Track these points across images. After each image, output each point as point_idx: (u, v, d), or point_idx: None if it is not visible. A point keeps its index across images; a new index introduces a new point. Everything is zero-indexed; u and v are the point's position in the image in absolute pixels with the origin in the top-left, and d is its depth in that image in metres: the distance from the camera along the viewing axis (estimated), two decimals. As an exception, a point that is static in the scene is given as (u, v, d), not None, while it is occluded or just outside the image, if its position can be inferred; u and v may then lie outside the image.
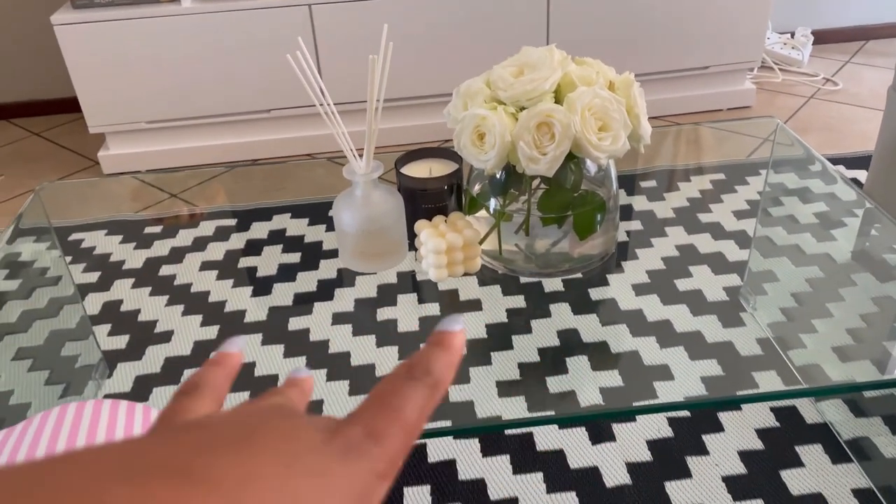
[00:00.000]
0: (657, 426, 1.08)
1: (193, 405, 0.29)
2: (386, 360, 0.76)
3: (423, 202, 0.86)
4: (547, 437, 1.07)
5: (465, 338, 0.29)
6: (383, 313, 0.83)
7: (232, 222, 1.04)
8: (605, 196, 0.83)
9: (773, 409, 1.10)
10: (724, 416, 1.09)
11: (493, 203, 0.83)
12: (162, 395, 0.75)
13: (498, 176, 0.81)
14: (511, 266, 0.86)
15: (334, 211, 0.83)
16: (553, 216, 0.82)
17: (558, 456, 1.04)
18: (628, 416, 1.09)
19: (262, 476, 0.22)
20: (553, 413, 0.71)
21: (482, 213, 0.84)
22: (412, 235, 0.87)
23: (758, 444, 1.04)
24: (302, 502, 0.22)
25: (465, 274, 0.84)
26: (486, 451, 1.05)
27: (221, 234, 1.01)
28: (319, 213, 1.04)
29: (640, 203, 1.01)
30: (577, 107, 0.71)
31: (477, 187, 0.85)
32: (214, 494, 0.21)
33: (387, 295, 0.85)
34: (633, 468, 1.02)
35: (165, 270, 0.94)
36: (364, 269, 0.87)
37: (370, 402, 0.27)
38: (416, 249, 0.86)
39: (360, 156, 0.81)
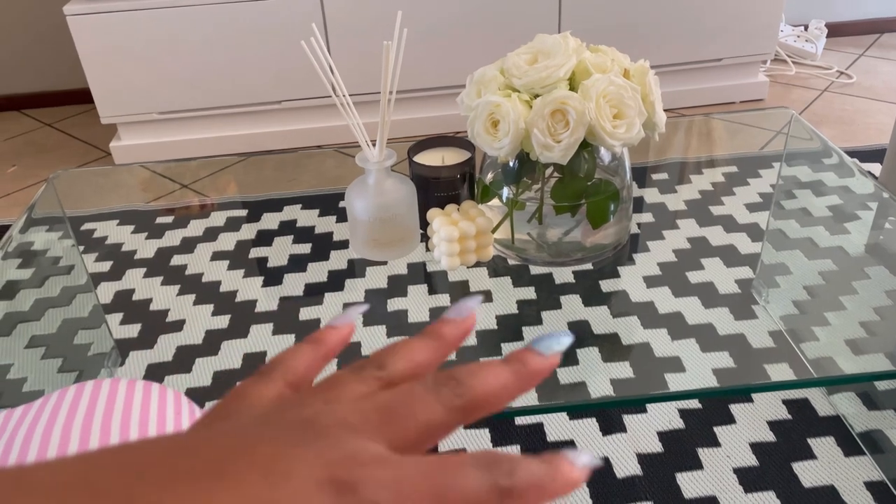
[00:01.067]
0: (668, 418, 1.08)
1: (255, 392, 0.26)
2: (397, 349, 0.76)
3: (435, 190, 0.86)
4: (557, 428, 1.07)
5: (581, 478, 0.22)
6: (394, 304, 0.83)
7: (243, 213, 1.04)
8: (618, 185, 0.83)
9: (785, 402, 1.09)
10: (735, 409, 1.08)
11: (505, 191, 0.83)
12: (174, 384, 0.76)
13: (511, 164, 0.81)
14: (523, 255, 0.86)
15: (347, 199, 0.83)
16: (566, 205, 0.81)
17: (569, 446, 1.04)
18: (639, 404, 1.09)
19: None
20: (564, 401, 0.71)
21: (495, 201, 0.84)
22: (424, 224, 0.87)
23: (770, 437, 1.04)
24: None
25: (478, 262, 0.84)
26: (497, 440, 1.05)
27: (232, 225, 1.01)
28: (330, 203, 1.04)
29: (651, 195, 1.01)
30: (591, 94, 0.71)
31: (490, 176, 0.85)
32: None
33: (397, 285, 0.85)
34: (644, 459, 1.02)
35: (177, 260, 0.94)
36: (376, 258, 0.87)
37: (427, 462, 0.21)
38: (427, 238, 0.86)
39: (373, 144, 0.81)
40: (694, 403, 1.10)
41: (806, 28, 2.50)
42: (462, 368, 0.25)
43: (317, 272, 0.90)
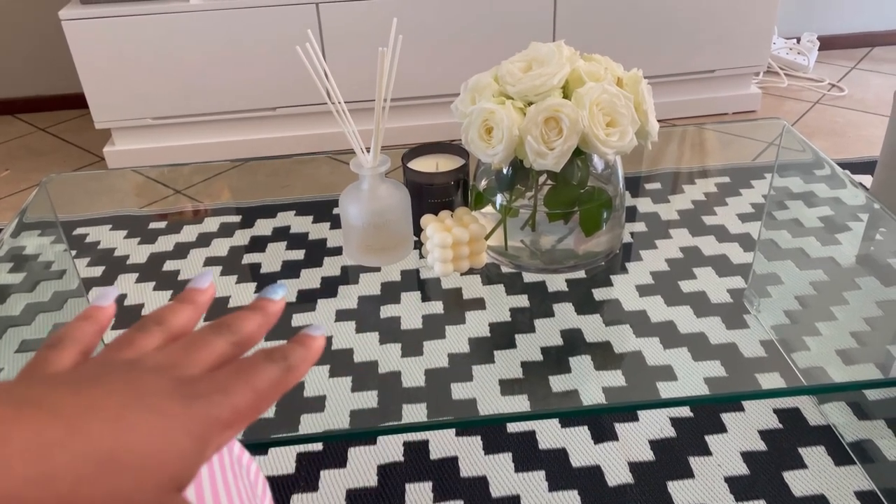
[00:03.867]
0: (660, 426, 1.08)
1: (56, 357, 0.30)
2: (389, 357, 0.76)
3: (429, 197, 0.86)
4: (549, 436, 1.07)
5: (324, 343, 0.33)
6: (387, 310, 0.83)
7: (236, 219, 1.04)
8: (611, 193, 0.83)
9: (776, 411, 1.09)
10: (726, 417, 1.09)
11: (499, 198, 0.83)
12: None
13: (505, 171, 0.81)
14: (516, 262, 0.86)
15: (341, 204, 0.83)
16: (559, 212, 0.82)
17: (560, 454, 1.04)
18: (631, 411, 1.09)
19: (101, 408, 0.25)
20: (556, 408, 0.71)
21: (488, 208, 0.84)
22: (418, 231, 0.87)
23: (761, 446, 1.04)
24: (138, 433, 0.25)
25: (471, 269, 0.84)
26: (489, 448, 1.05)
27: (226, 231, 1.01)
28: (324, 210, 1.04)
29: (644, 205, 1.01)
30: (585, 102, 0.71)
31: (483, 183, 0.85)
32: (54, 419, 0.24)
33: (390, 292, 0.85)
34: (635, 468, 1.02)
35: (169, 266, 0.94)
36: (369, 263, 0.87)
37: (224, 369, 0.29)
38: (421, 245, 0.86)
39: (367, 151, 0.81)
40: (685, 412, 1.10)
41: (798, 41, 2.52)
42: (229, 317, 0.33)
43: (310, 278, 0.89)
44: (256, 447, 0.84)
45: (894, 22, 2.61)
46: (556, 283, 0.85)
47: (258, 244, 0.97)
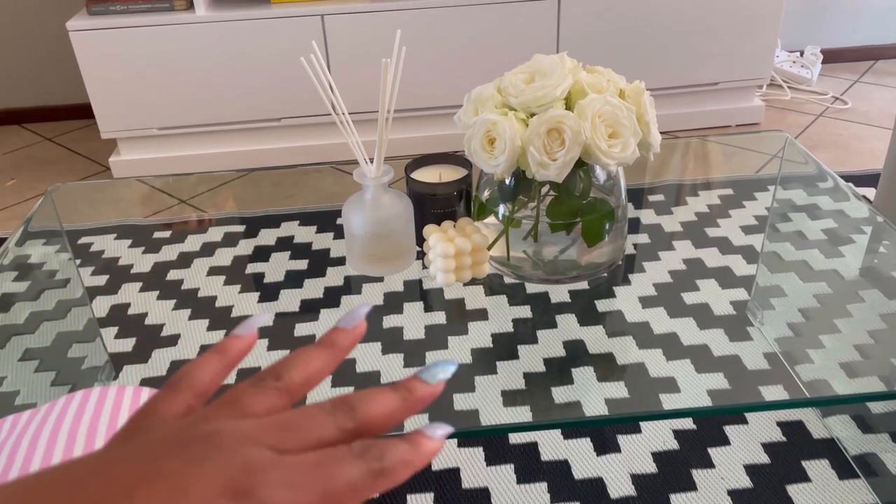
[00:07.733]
0: (663, 438, 1.07)
1: (167, 406, 0.28)
2: (391, 367, 0.76)
3: (432, 207, 0.86)
4: (552, 448, 1.06)
5: (440, 446, 0.27)
6: (389, 321, 0.83)
7: (240, 228, 1.04)
8: (613, 204, 0.83)
9: (779, 424, 1.09)
10: (730, 430, 1.08)
11: (501, 209, 0.84)
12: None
13: (507, 182, 0.81)
14: (519, 272, 0.86)
15: (344, 214, 0.84)
16: (562, 223, 0.82)
17: (563, 466, 1.04)
18: (633, 422, 1.09)
19: None
20: (558, 418, 0.71)
21: (491, 219, 0.85)
22: (421, 241, 0.87)
23: (764, 459, 1.04)
24: None
25: (473, 279, 0.84)
26: (491, 460, 1.05)
27: (229, 240, 1.01)
28: (327, 220, 1.04)
29: (647, 216, 1.01)
30: (587, 113, 0.71)
31: (486, 193, 0.86)
32: None
33: (393, 303, 0.86)
34: (638, 480, 1.01)
35: (173, 275, 0.94)
36: (372, 273, 0.87)
37: (300, 459, 0.25)
38: (424, 255, 0.87)
39: (371, 162, 0.82)
40: (688, 424, 1.10)
41: (801, 54, 2.52)
42: (356, 395, 0.27)
43: (313, 288, 0.90)
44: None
45: (898, 35, 2.62)
46: (559, 293, 0.85)
47: (262, 254, 0.97)
